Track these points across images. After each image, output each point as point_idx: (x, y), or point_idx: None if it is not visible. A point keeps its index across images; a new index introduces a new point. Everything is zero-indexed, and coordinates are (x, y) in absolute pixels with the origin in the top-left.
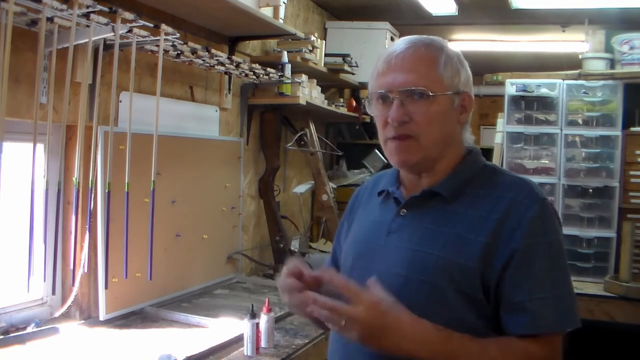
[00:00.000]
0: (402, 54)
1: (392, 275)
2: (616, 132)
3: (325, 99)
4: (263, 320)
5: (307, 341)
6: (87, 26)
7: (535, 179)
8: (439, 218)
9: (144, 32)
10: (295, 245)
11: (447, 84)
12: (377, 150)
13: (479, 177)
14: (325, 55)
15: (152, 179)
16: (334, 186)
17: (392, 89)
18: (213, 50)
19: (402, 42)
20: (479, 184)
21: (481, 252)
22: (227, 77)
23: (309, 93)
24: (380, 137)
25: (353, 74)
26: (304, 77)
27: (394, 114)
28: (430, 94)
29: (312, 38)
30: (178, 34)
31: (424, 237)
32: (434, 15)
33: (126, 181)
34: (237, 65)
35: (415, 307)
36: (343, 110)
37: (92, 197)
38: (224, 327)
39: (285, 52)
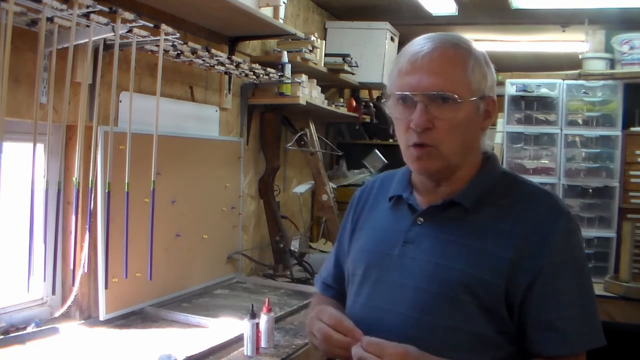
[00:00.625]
0: (429, 55)
1: (413, 289)
2: (616, 132)
3: (325, 99)
4: (263, 320)
5: (307, 341)
6: (87, 26)
7: (535, 179)
8: (461, 230)
9: (144, 32)
10: (295, 245)
11: (474, 89)
12: (377, 150)
13: (499, 186)
14: (325, 55)
15: (152, 179)
16: (334, 186)
17: (417, 91)
18: (213, 50)
19: (427, 41)
20: (500, 194)
21: (506, 269)
22: (227, 77)
23: (309, 93)
24: (401, 142)
25: (353, 74)
26: (304, 77)
27: (417, 120)
28: (459, 100)
29: (312, 38)
30: (178, 34)
31: (447, 250)
32: (434, 15)
33: (126, 181)
34: (237, 65)
35: (436, 321)
36: (343, 110)
37: (92, 197)
38: (224, 327)
39: (285, 52)
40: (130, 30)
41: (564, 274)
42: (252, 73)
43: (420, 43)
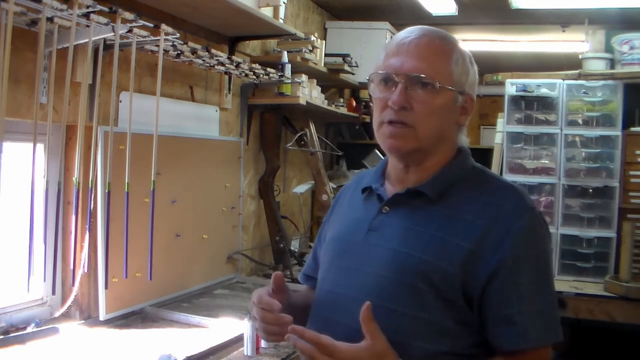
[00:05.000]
0: (417, 40)
1: (372, 275)
2: (616, 132)
3: (325, 99)
4: None
5: None
6: (87, 26)
7: (535, 179)
8: (423, 218)
9: (144, 32)
10: (295, 245)
11: (455, 80)
12: (377, 150)
13: (466, 179)
14: (325, 55)
15: (152, 179)
16: (334, 186)
17: (400, 72)
18: (213, 50)
19: (416, 30)
20: (467, 187)
21: (464, 259)
22: (227, 77)
23: (309, 93)
24: (375, 120)
25: (353, 74)
26: (304, 77)
27: (395, 98)
28: (438, 85)
29: (312, 38)
30: (178, 34)
31: (406, 238)
32: (434, 15)
33: (126, 181)
34: (237, 65)
35: (393, 308)
36: (343, 110)
37: (92, 197)
38: (224, 327)
39: (285, 52)
40: (130, 30)
41: (524, 270)
42: (252, 73)
43: (410, 30)
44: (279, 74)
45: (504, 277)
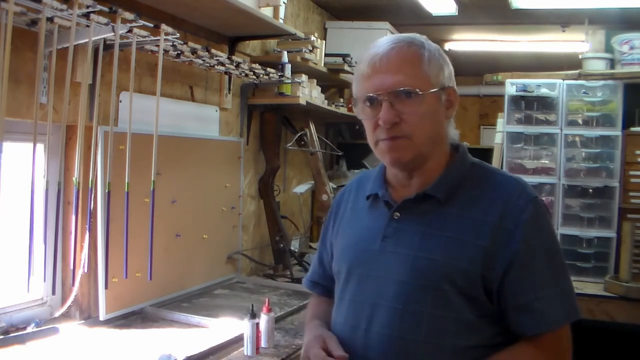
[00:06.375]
0: (387, 55)
1: (394, 282)
2: (616, 132)
3: (325, 99)
4: (263, 320)
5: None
6: (87, 26)
7: (535, 179)
8: (436, 221)
9: (144, 32)
10: (295, 245)
11: (433, 81)
12: None
13: (469, 177)
14: (325, 55)
15: (152, 179)
16: (334, 186)
17: (381, 91)
18: (213, 50)
19: (384, 44)
20: (471, 185)
21: (482, 256)
22: (227, 77)
23: (309, 93)
24: (370, 139)
25: (353, 74)
26: (304, 77)
27: (385, 116)
28: (420, 92)
29: (312, 38)
30: (178, 34)
31: (424, 242)
32: (434, 15)
33: (126, 181)
34: (237, 65)
35: (420, 310)
36: (343, 110)
37: (92, 197)
38: (224, 327)
39: (285, 52)
40: (130, 30)
41: (537, 257)
42: (252, 73)
43: (377, 46)
44: (279, 74)
45: (519, 268)
